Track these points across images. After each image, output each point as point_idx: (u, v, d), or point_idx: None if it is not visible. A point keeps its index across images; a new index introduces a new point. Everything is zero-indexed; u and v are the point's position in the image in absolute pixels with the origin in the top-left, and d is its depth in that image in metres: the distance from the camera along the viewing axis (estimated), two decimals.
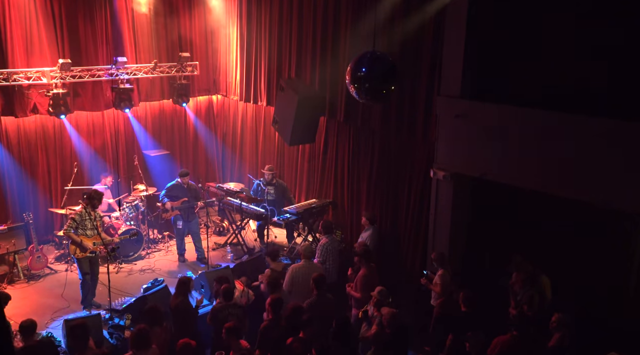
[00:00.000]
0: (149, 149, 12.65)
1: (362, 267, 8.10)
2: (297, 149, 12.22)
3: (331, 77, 10.42)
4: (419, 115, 9.04)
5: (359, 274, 8.07)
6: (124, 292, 9.48)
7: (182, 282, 7.53)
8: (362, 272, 8.05)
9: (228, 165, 14.27)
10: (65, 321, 7.66)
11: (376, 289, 7.18)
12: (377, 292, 7.12)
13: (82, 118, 11.63)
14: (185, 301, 7.43)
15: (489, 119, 7.75)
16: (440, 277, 7.84)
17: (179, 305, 7.34)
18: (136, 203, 11.30)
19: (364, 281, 7.91)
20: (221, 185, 11.91)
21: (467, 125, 7.98)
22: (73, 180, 10.97)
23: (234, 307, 7.28)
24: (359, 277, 8.02)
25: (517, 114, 7.45)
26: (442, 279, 7.82)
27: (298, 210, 10.75)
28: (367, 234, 9.46)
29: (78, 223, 8.60)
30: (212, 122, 13.96)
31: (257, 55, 12.20)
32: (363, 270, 8.04)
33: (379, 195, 10.17)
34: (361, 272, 8.05)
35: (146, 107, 12.69)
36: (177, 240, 10.95)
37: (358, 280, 8.00)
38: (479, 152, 7.92)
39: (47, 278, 10.09)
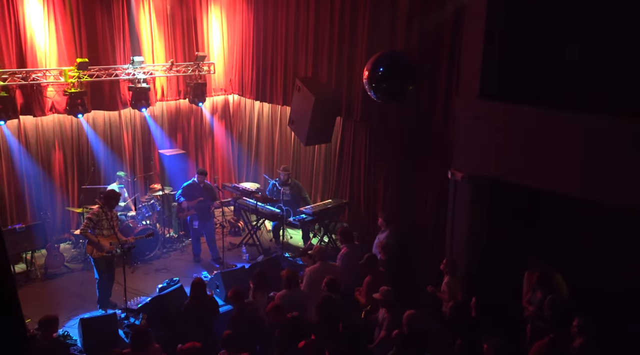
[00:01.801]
0: (165, 148, 12.72)
1: (368, 274, 8.09)
2: (313, 149, 12.20)
3: (348, 77, 10.40)
4: (437, 116, 9.00)
5: (365, 280, 8.06)
6: (140, 291, 9.54)
7: (195, 284, 7.57)
8: (368, 278, 8.04)
9: (244, 165, 14.29)
10: (82, 320, 7.73)
11: (380, 290, 7.15)
12: (381, 293, 7.09)
13: (99, 117, 11.73)
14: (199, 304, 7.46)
15: (509, 120, 7.67)
16: (447, 284, 7.82)
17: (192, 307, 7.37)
18: (152, 202, 11.37)
19: (368, 288, 7.90)
20: (237, 185, 11.93)
21: (486, 126, 7.90)
22: (90, 179, 11.06)
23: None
24: (365, 283, 8.02)
25: (537, 115, 7.37)
26: (449, 286, 7.80)
27: (314, 211, 10.74)
28: (384, 235, 9.41)
29: (95, 223, 8.66)
30: (228, 121, 14.01)
31: (274, 54, 12.21)
32: (369, 277, 8.04)
33: (396, 196, 10.12)
34: (367, 279, 8.05)
35: (162, 107, 12.76)
36: (193, 241, 11.00)
37: (363, 287, 8.01)
38: (498, 153, 7.84)
39: (64, 277, 10.18)
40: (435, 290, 7.99)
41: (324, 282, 7.47)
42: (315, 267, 8.24)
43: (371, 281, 7.93)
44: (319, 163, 12.17)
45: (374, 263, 8.15)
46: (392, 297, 7.06)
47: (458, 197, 8.55)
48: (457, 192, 8.55)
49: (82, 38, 10.88)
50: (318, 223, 11.34)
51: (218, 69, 13.30)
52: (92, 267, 8.98)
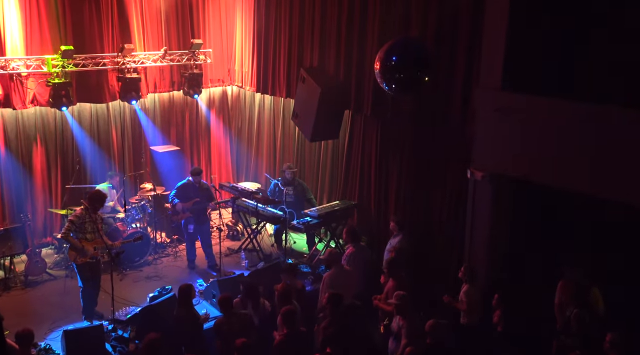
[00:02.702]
0: (157, 144, 12.71)
1: (390, 278, 8.04)
2: (319, 145, 12.17)
3: (357, 67, 10.35)
4: (455, 109, 8.94)
5: (388, 286, 8.03)
6: (129, 301, 9.51)
7: (182, 290, 7.54)
8: (390, 283, 8.00)
9: (243, 163, 14.28)
10: (65, 332, 7.71)
11: (395, 295, 7.12)
12: (396, 298, 7.07)
13: (85, 110, 11.72)
14: (189, 312, 7.42)
15: (535, 114, 7.60)
16: (465, 294, 7.78)
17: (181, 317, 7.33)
18: (143, 204, 11.36)
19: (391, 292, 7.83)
20: (235, 185, 11.90)
21: (509, 120, 7.84)
22: (74, 178, 11.06)
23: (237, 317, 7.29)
24: (389, 289, 7.98)
25: (568, 108, 7.30)
26: (468, 296, 7.76)
27: (319, 213, 10.71)
28: (396, 241, 9.37)
29: (77, 226, 8.63)
30: (226, 115, 13.99)
31: (276, 42, 12.18)
32: (392, 282, 7.99)
33: (410, 197, 10.07)
34: (390, 284, 8.01)
35: (155, 99, 12.75)
36: (188, 246, 10.98)
37: (389, 293, 7.94)
38: (522, 151, 7.78)
39: (46, 284, 10.16)
40: (452, 300, 7.94)
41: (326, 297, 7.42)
42: (332, 274, 8.20)
43: (395, 287, 7.88)
44: (326, 161, 12.13)
45: (396, 266, 8.10)
46: (408, 303, 7.02)
47: (478, 199, 8.50)
48: (477, 193, 8.50)
49: (66, 23, 10.86)
50: (324, 227, 11.30)
51: (215, 58, 13.27)
52: (76, 274, 8.96)
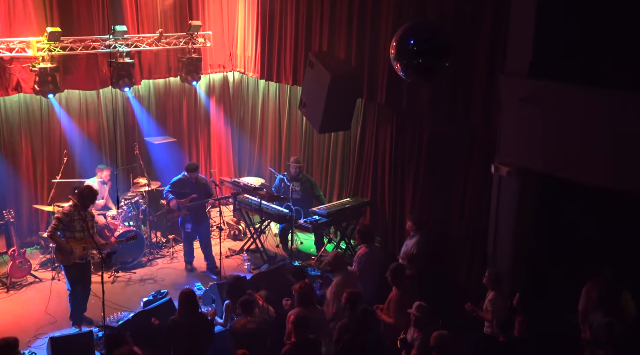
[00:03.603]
0: (152, 136, 12.73)
1: (394, 287, 8.05)
2: (328, 137, 12.17)
3: (371, 51, 10.33)
4: (477, 98, 8.91)
5: (391, 296, 8.03)
6: (121, 306, 9.54)
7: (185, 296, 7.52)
8: (395, 293, 8.01)
9: (246, 157, 14.29)
10: (52, 340, 7.73)
11: (414, 306, 7.11)
12: (415, 308, 7.06)
13: (74, 98, 11.74)
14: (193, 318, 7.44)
15: (566, 103, 7.57)
16: (492, 302, 7.73)
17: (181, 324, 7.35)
18: (136, 200, 11.38)
19: (398, 304, 7.85)
20: (237, 180, 11.92)
21: (538, 110, 7.81)
22: (62, 172, 11.08)
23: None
24: (392, 299, 7.99)
25: (602, 97, 7.26)
26: (494, 304, 7.72)
27: (329, 212, 10.72)
28: (413, 242, 9.36)
29: (65, 224, 8.66)
30: (227, 104, 14.00)
31: (282, 24, 12.17)
32: (396, 291, 8.00)
33: (428, 194, 10.07)
34: (394, 293, 8.01)
35: (149, 86, 12.76)
36: (185, 246, 11.01)
37: (391, 303, 7.97)
38: (552, 144, 7.76)
39: (31, 288, 10.21)
40: (475, 308, 7.91)
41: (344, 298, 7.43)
42: (339, 282, 8.21)
43: (400, 297, 7.88)
44: (336, 155, 12.14)
45: (400, 273, 8.09)
46: (428, 316, 7.01)
47: (503, 197, 8.49)
48: (503, 190, 8.49)
49: (53, 3, 10.86)
50: (334, 226, 11.31)
51: (216, 42, 13.27)
52: (64, 276, 8.99)
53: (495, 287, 7.79)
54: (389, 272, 8.09)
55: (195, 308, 7.51)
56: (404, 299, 7.80)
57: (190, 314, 7.42)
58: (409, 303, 7.50)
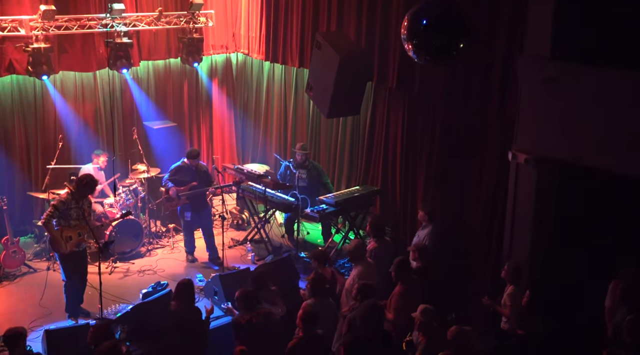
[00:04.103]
0: (151, 120, 12.74)
1: (398, 282, 8.06)
2: (336, 122, 12.16)
3: (382, 32, 10.30)
4: (494, 81, 8.88)
5: (394, 291, 8.04)
6: (119, 297, 9.58)
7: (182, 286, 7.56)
8: (398, 288, 8.02)
9: (250, 142, 14.31)
10: (47, 332, 7.77)
11: (419, 307, 7.10)
12: (420, 311, 7.04)
13: (69, 80, 11.75)
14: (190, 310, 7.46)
15: (590, 86, 7.53)
16: (510, 296, 7.73)
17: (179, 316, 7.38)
18: (135, 187, 11.39)
19: (400, 300, 7.86)
20: (241, 167, 11.92)
21: (558, 94, 7.78)
22: (57, 157, 11.10)
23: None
24: (394, 294, 8.00)
25: (627, 80, 7.21)
26: (513, 298, 7.72)
27: (337, 200, 10.72)
28: (425, 233, 9.39)
29: (61, 212, 8.67)
30: (230, 86, 13.99)
31: (288, 2, 12.14)
32: (400, 287, 8.01)
33: (441, 183, 10.06)
34: (397, 289, 8.02)
35: (148, 67, 12.77)
36: (185, 236, 11.04)
37: (393, 298, 7.98)
38: (573, 130, 7.72)
39: (25, 278, 10.25)
40: (492, 303, 7.91)
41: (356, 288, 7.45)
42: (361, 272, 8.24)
43: (402, 293, 7.89)
44: (344, 141, 12.14)
45: (405, 268, 8.11)
46: (433, 319, 6.99)
47: (521, 186, 8.45)
48: (520, 179, 8.46)
49: None
50: (342, 216, 11.31)
51: (218, 21, 13.24)
52: (59, 266, 9.01)
53: (515, 280, 7.78)
54: (393, 266, 8.11)
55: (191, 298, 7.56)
56: (407, 294, 7.82)
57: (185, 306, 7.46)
58: (412, 300, 7.52)
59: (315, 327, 6.95)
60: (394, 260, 8.21)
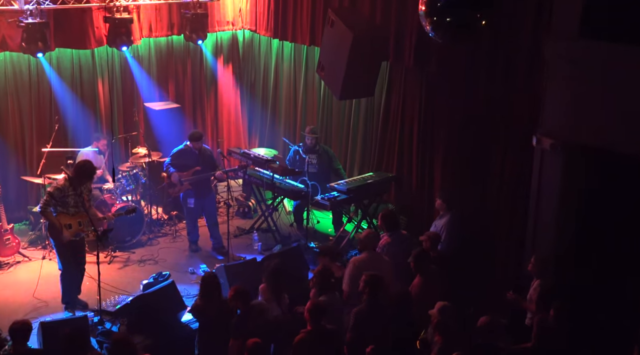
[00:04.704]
0: (152, 100, 12.73)
1: (417, 274, 8.07)
2: (349, 104, 12.13)
3: (398, 7, 10.28)
4: (519, 61, 8.86)
5: (414, 283, 8.06)
6: (118, 288, 9.61)
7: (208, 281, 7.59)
8: (417, 280, 8.03)
9: (257, 125, 14.30)
10: (42, 324, 7.80)
11: (436, 305, 7.07)
12: (437, 309, 7.01)
13: (65, 57, 11.73)
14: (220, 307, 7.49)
15: (620, 67, 7.48)
16: (537, 290, 7.70)
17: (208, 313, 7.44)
18: (135, 172, 11.40)
19: (418, 293, 7.86)
20: (247, 151, 11.91)
21: (588, 75, 7.74)
22: (53, 139, 11.11)
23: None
24: (414, 286, 8.01)
25: None
26: None
27: (349, 187, 10.70)
28: (443, 222, 9.37)
29: (58, 200, 8.68)
30: (236, 66, 13.95)
31: None
32: (419, 279, 8.02)
33: (460, 169, 10.05)
34: (416, 280, 8.04)
35: (150, 45, 12.74)
36: (188, 224, 11.05)
37: (412, 290, 7.96)
38: (602, 114, 7.69)
39: (19, 267, 10.28)
40: (518, 298, 7.88)
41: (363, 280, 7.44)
42: (361, 259, 8.23)
43: (421, 285, 7.88)
44: (357, 124, 12.12)
45: (424, 258, 8.09)
46: (451, 318, 6.97)
47: (546, 173, 8.45)
48: (545, 165, 8.45)
49: None
50: (354, 203, 11.31)
51: None
52: (55, 254, 9.03)
53: (542, 274, 7.75)
54: (412, 257, 8.11)
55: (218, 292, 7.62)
56: (426, 287, 7.83)
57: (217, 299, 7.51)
58: (431, 293, 7.53)
59: (323, 320, 6.95)
60: (412, 252, 8.21)
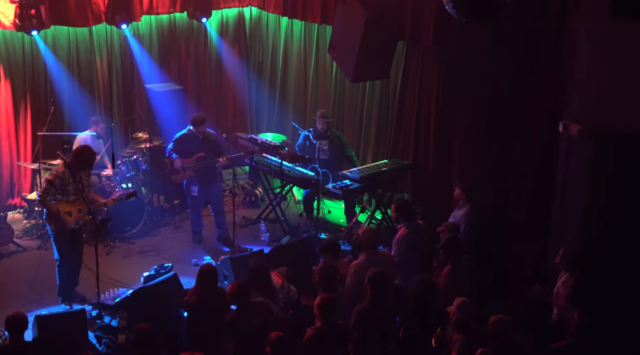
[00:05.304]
0: (153, 82, 12.74)
1: (447, 263, 8.07)
2: (362, 87, 12.11)
3: None
4: (544, 41, 8.84)
5: (442, 273, 8.05)
6: (118, 281, 9.64)
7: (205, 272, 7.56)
8: (447, 270, 8.02)
9: (264, 109, 14.30)
10: (38, 318, 7.83)
11: (455, 302, 7.07)
12: (456, 306, 7.00)
13: (61, 36, 11.76)
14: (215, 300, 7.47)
15: None
16: (565, 285, 7.67)
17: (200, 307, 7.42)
18: (135, 158, 11.41)
19: (448, 282, 7.87)
20: (254, 136, 11.91)
21: (619, 56, 7.68)
22: (48, 123, 11.13)
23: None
24: (443, 276, 8.01)
25: None
26: (568, 287, 7.63)
27: (362, 175, 10.72)
28: (462, 213, 9.36)
29: (57, 188, 8.69)
30: (242, 45, 13.96)
31: None
32: (448, 267, 8.02)
33: (481, 156, 10.04)
34: (446, 270, 8.03)
35: (151, 23, 12.75)
36: (192, 213, 11.08)
37: (441, 280, 7.97)
38: (634, 98, 7.62)
39: (13, 257, 10.33)
40: (544, 292, 7.87)
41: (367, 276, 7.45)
42: (360, 263, 8.18)
43: (452, 275, 7.87)
44: (371, 108, 12.11)
45: (454, 247, 8.08)
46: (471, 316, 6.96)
47: (573, 161, 8.39)
48: (572, 153, 8.39)
49: None
50: (367, 192, 11.31)
51: None
52: (52, 244, 9.05)
53: (572, 267, 7.73)
54: (442, 244, 8.14)
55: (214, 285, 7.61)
56: (456, 277, 7.82)
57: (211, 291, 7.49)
58: (462, 283, 7.53)
59: (335, 316, 6.96)
60: (443, 238, 8.21)
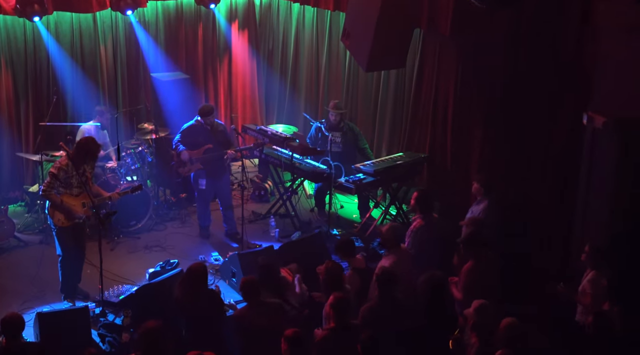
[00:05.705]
0: (160, 70, 12.75)
1: (470, 258, 8.04)
2: (377, 77, 12.10)
3: None
4: (569, 28, 8.83)
5: (465, 268, 8.01)
6: (122, 277, 9.64)
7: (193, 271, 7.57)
8: (469, 265, 7.99)
9: (274, 99, 14.31)
10: (39, 315, 7.86)
11: (473, 304, 7.06)
12: (474, 309, 6.99)
13: (64, 22, 11.76)
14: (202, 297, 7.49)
15: None
16: (592, 283, 7.65)
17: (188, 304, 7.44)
18: (141, 150, 11.42)
19: (469, 278, 7.86)
20: (264, 128, 11.90)
21: None
22: (51, 113, 11.16)
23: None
24: (464, 271, 7.98)
25: None
26: (594, 286, 7.62)
27: (376, 169, 10.70)
28: (480, 208, 9.32)
29: (62, 181, 8.70)
30: (252, 33, 13.94)
31: None
32: (471, 263, 7.99)
33: (500, 149, 10.03)
34: (468, 265, 7.99)
35: (157, 9, 12.75)
36: (199, 207, 11.08)
37: (462, 276, 7.97)
38: None
39: (14, 253, 10.35)
40: (569, 291, 7.86)
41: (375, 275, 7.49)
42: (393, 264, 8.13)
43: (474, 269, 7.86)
44: (386, 99, 12.10)
45: (477, 242, 8.07)
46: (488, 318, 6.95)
47: (598, 154, 8.41)
48: (597, 146, 8.40)
49: None
50: (382, 187, 11.31)
51: None
52: (54, 239, 9.07)
53: (598, 265, 7.70)
54: (463, 238, 8.15)
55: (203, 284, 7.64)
56: (479, 272, 7.82)
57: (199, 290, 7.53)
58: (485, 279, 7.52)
59: (348, 317, 6.96)
60: (465, 232, 8.21)
